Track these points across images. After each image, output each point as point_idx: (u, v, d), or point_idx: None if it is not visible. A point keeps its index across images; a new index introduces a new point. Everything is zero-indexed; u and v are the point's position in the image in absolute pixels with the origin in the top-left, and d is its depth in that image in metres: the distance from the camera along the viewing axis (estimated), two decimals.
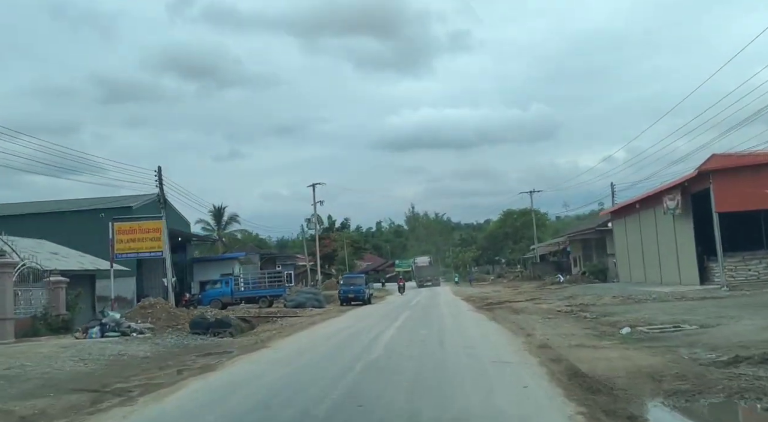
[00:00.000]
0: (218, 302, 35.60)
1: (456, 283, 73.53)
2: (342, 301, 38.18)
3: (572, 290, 33.92)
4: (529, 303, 27.02)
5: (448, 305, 30.84)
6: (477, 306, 28.43)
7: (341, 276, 41.60)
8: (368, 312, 28.90)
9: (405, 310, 27.71)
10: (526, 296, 33.38)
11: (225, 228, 79.55)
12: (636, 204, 31.52)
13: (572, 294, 29.70)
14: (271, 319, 29.31)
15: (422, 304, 33.70)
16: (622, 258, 37.12)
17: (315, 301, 35.16)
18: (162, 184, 27.44)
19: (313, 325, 22.82)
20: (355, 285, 38.11)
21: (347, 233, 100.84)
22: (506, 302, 29.68)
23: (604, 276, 42.42)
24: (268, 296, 36.61)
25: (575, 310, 21.67)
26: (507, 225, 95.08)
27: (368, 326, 19.57)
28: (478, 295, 39.99)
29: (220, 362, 12.80)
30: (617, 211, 36.71)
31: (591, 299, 25.60)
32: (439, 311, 25.98)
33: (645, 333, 13.63)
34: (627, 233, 35.23)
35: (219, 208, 78.76)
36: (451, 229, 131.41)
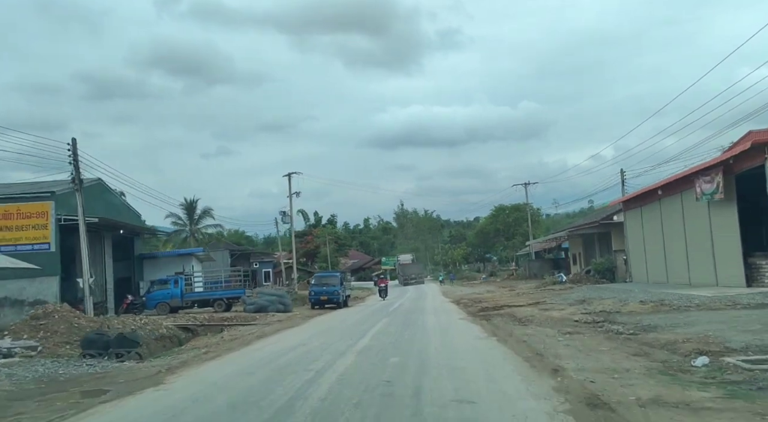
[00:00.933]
0: (165, 306, 30.28)
1: (441, 282, 69.29)
2: (313, 304, 33.02)
3: (581, 292, 28.90)
4: (535, 309, 21.98)
5: (435, 311, 25.73)
6: (470, 313, 23.34)
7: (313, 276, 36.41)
8: (337, 320, 23.74)
9: (382, 318, 22.59)
10: (528, 299, 28.33)
11: (198, 222, 73.89)
12: (658, 190, 26.54)
13: (584, 298, 24.68)
14: (222, 327, 24.28)
15: (405, 309, 28.58)
16: (636, 254, 32.16)
17: (280, 304, 29.95)
18: (77, 159, 22.08)
19: (260, 339, 17.63)
20: (329, 285, 32.93)
21: (330, 228, 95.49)
22: (505, 307, 24.65)
23: (612, 275, 37.48)
24: (225, 298, 31.35)
25: (598, 321, 16.64)
26: (498, 221, 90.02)
27: (324, 345, 14.42)
28: (471, 297, 34.90)
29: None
30: (631, 200, 31.72)
31: (612, 304, 20.57)
32: (423, 320, 20.84)
33: (745, 369, 8.54)
34: (644, 225, 30.27)
35: (191, 201, 73.26)
36: (441, 226, 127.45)
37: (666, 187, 26.03)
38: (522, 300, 27.76)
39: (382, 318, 22.08)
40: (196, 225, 73.82)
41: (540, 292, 32.45)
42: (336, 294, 32.53)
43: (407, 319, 21.19)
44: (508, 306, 24.94)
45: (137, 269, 34.56)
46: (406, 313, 24.75)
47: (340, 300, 32.81)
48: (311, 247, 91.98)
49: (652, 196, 28.04)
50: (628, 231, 33.59)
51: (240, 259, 62.36)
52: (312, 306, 33.03)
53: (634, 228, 32.34)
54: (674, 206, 25.94)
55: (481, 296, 35.33)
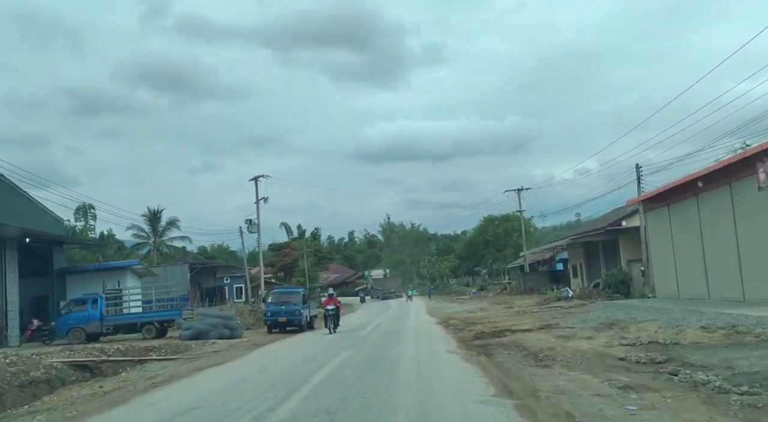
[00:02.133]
0: (80, 332, 24.16)
1: (409, 298, 63.91)
2: (269, 327, 27.09)
3: (598, 311, 23.23)
4: (550, 337, 16.25)
5: (416, 337, 19.89)
6: (462, 341, 17.57)
7: (269, 292, 29.94)
8: (286, 352, 17.88)
9: (345, 349, 16.72)
10: (533, 320, 22.61)
11: (162, 234, 67.61)
12: (697, 181, 21.00)
13: (610, 319, 18.99)
14: (136, 362, 18.44)
15: (380, 333, 22.77)
16: (661, 264, 26.56)
17: (224, 329, 24.03)
18: None
19: (148, 392, 11.73)
20: (289, 304, 27.03)
21: (308, 241, 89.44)
22: (507, 331, 18.95)
23: (627, 289, 31.86)
24: (156, 322, 25.28)
25: (658, 360, 10.99)
26: (488, 232, 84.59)
27: (228, 410, 8.62)
28: (461, 316, 29.12)
29: None
30: (655, 198, 26.12)
31: (659, 330, 14.91)
32: (397, 354, 14.97)
33: None
34: (673, 227, 24.70)
35: (155, 211, 67.09)
36: (428, 240, 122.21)
37: (709, 177, 20.49)
38: (526, 322, 22.03)
39: (345, 350, 16.22)
40: (160, 238, 67.63)
41: (545, 311, 26.72)
42: (297, 314, 26.62)
43: (377, 353, 15.31)
44: (510, 330, 19.19)
45: (57, 286, 28.45)
46: (378, 341, 18.89)
47: (303, 322, 26.91)
48: (289, 261, 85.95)
49: (687, 190, 22.49)
50: (650, 235, 28.00)
51: (203, 274, 56.17)
52: (269, 329, 27.11)
53: (658, 232, 26.75)
54: (720, 201, 20.40)
55: (473, 315, 29.55)
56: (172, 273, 47.82)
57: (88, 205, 77.75)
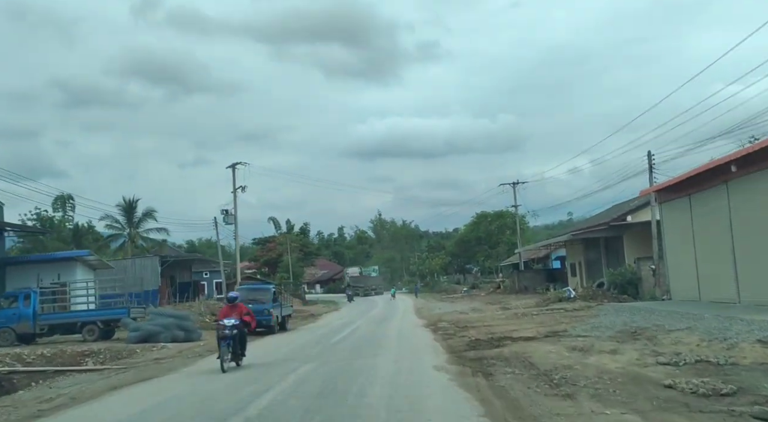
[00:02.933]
0: (10, 333, 20.79)
1: (393, 296, 63.74)
2: None
3: (610, 315, 20.14)
4: (561, 348, 13.10)
5: (398, 344, 16.71)
6: (453, 352, 14.41)
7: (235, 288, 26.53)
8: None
9: (308, 361, 13.48)
10: (536, 324, 19.47)
11: (138, 225, 63.97)
12: (730, 164, 17.89)
13: (629, 327, 15.89)
14: (52, 373, 15.22)
15: (356, 338, 19.56)
16: (678, 262, 23.47)
17: (178, 330, 20.77)
18: None
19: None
20: (256, 302, 23.69)
21: (294, 235, 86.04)
22: (507, 339, 15.83)
23: (636, 290, 28.78)
24: (99, 322, 21.93)
25: (724, 391, 7.90)
26: (480, 229, 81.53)
27: None
28: (452, 318, 26.00)
29: None
30: (672, 188, 22.98)
31: (705, 345, 11.81)
32: (372, 370, 11.74)
33: None
34: (694, 220, 21.61)
35: (130, 201, 63.44)
36: (419, 237, 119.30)
37: (746, 159, 17.38)
38: (528, 327, 18.90)
39: (306, 363, 13.03)
40: (136, 229, 64.05)
41: (547, 314, 23.59)
42: (266, 314, 23.34)
43: (344, 369, 12.08)
44: (510, 338, 16.06)
45: None
46: (351, 350, 15.66)
47: (272, 322, 23.64)
48: (273, 255, 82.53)
49: (715, 177, 19.37)
50: (665, 230, 24.88)
51: (178, 268, 52.72)
52: None
53: (675, 226, 23.63)
54: (758, 188, 17.30)
55: (465, 317, 26.42)
56: (141, 267, 44.34)
57: (67, 195, 74.59)
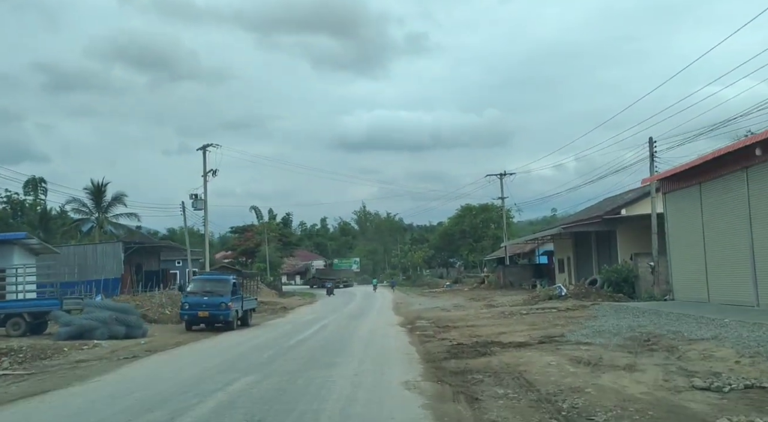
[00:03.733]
0: None
1: (374, 287, 63.84)
2: (187, 324, 21.19)
3: (610, 316, 17.75)
4: (563, 361, 10.61)
5: (365, 351, 14.06)
6: (431, 359, 11.91)
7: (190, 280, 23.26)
8: (159, 373, 11.97)
9: (246, 374, 10.82)
10: (526, 326, 17.01)
11: (107, 210, 60.72)
12: (754, 148, 15.50)
13: (637, 332, 13.47)
14: None
15: (318, 340, 16.93)
16: (684, 258, 21.12)
17: (118, 325, 18.05)
18: None
19: None
20: (213, 294, 21.11)
21: (272, 224, 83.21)
22: (495, 345, 13.38)
23: (632, 288, 26.45)
24: (26, 314, 19.03)
25: None
26: (465, 222, 79.24)
27: None
28: (432, 316, 23.55)
29: None
30: (680, 175, 20.59)
31: (746, 361, 9.36)
32: (323, 389, 9.11)
33: None
34: (704, 212, 19.24)
35: (99, 184, 60.16)
36: (403, 230, 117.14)
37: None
38: (519, 329, 16.44)
39: (245, 375, 10.40)
40: (104, 214, 60.80)
41: (538, 313, 21.13)
42: (223, 308, 20.71)
43: (286, 386, 9.45)
44: (499, 343, 13.58)
45: None
46: (306, 357, 12.97)
47: (230, 317, 20.98)
48: (251, 245, 79.66)
49: (733, 163, 16.96)
50: (669, 223, 22.49)
51: (145, 256, 49.70)
52: (186, 325, 21.20)
53: (682, 219, 21.24)
54: None
55: (447, 315, 23.97)
56: (103, 253, 41.49)
57: (39, 178, 71.21)
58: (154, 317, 26.54)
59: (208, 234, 41.87)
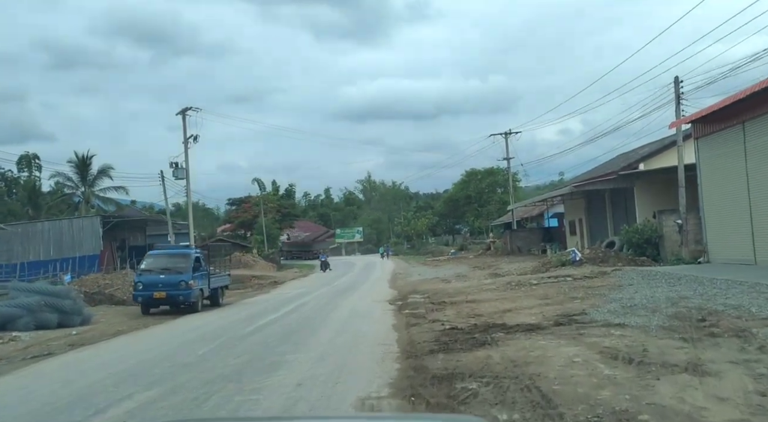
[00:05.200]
0: None
1: (382, 256, 62.84)
2: (143, 306, 18.29)
3: (639, 285, 14.67)
4: (593, 355, 7.53)
5: (335, 338, 11.02)
6: (413, 352, 8.89)
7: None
8: (62, 377, 8.98)
9: (147, 390, 7.82)
10: (539, 301, 13.92)
11: (93, 184, 57.81)
12: None
13: (682, 307, 10.42)
14: None
15: (283, 325, 13.88)
16: (722, 214, 17.97)
17: (50, 313, 15.15)
18: None
19: None
20: (171, 271, 18.12)
21: (269, 195, 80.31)
22: (498, 328, 10.34)
23: (656, 251, 23.33)
24: None
25: None
26: (470, 187, 75.91)
27: None
28: (429, 289, 20.58)
29: None
30: (718, 114, 17.27)
31: None
32: (249, 407, 6.08)
33: None
34: (749, 157, 16.01)
35: (83, 157, 57.18)
36: (409, 198, 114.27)
37: None
38: (528, 305, 13.38)
39: (146, 390, 7.40)
40: (90, 188, 57.87)
41: (551, 283, 18.02)
42: (183, 287, 17.75)
43: (187, 407, 6.44)
44: (503, 326, 10.57)
45: None
46: (251, 354, 9.91)
47: (192, 298, 18.01)
48: (249, 217, 76.77)
49: None
50: (702, 172, 19.24)
51: (128, 230, 46.83)
52: (142, 309, 18.29)
53: (718, 167, 18.00)
54: None
55: (446, 287, 20.97)
56: (79, 228, 38.62)
57: (33, 155, 68.38)
58: (122, 297, 23.79)
59: (191, 205, 38.82)
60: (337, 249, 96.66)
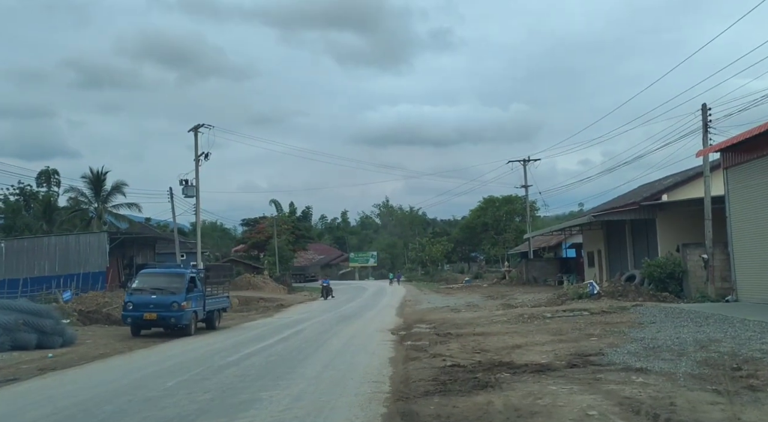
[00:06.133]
0: None
1: (390, 282, 63.41)
2: (132, 328, 17.37)
3: (663, 324, 13.47)
4: (606, 404, 6.40)
5: (320, 374, 9.91)
6: (408, 391, 7.75)
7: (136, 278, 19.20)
8: None
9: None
10: (552, 338, 12.75)
11: (106, 200, 57.55)
12: None
13: (713, 351, 9.29)
14: None
15: (269, 355, 12.83)
16: (753, 249, 16.73)
17: (29, 333, 14.24)
18: None
19: None
20: (163, 292, 17.18)
21: (284, 216, 79.65)
22: (506, 368, 9.30)
23: (679, 286, 22.01)
24: None
25: None
26: (487, 214, 74.55)
27: None
28: (438, 318, 19.45)
29: None
30: (750, 143, 16.13)
31: None
32: None
33: None
34: None
35: (98, 173, 57.06)
36: (426, 224, 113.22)
37: None
38: (539, 341, 12.25)
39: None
40: (104, 204, 57.60)
41: (566, 318, 16.81)
42: (175, 308, 16.80)
43: None
44: (510, 365, 9.48)
45: None
46: (224, 389, 8.86)
47: (184, 320, 17.05)
48: (262, 238, 76.19)
49: None
50: (733, 204, 18.01)
51: (137, 247, 46.27)
52: (132, 330, 17.37)
53: (749, 198, 16.82)
54: None
55: (455, 317, 19.83)
56: (86, 244, 38.03)
57: (52, 170, 68.62)
58: (119, 317, 22.87)
59: (199, 223, 38.04)
60: (351, 273, 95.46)
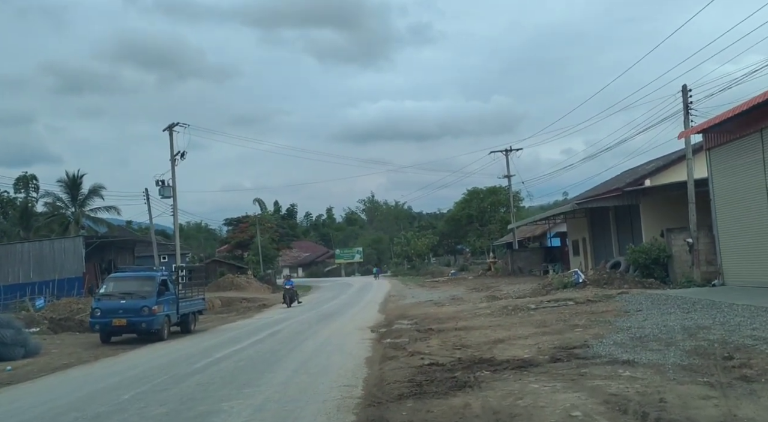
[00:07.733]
0: None
1: (375, 276, 63.42)
2: (102, 335, 16.68)
3: (649, 311, 13.04)
4: (592, 403, 5.86)
5: (289, 380, 9.31)
6: (381, 394, 7.17)
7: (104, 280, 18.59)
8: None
9: None
10: (535, 330, 12.26)
11: (83, 204, 56.34)
12: None
13: (702, 339, 8.83)
14: None
15: (240, 359, 12.22)
16: (738, 232, 16.35)
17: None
18: None
19: None
20: (132, 296, 16.47)
21: (267, 214, 78.77)
22: (486, 365, 8.74)
23: (664, 271, 21.65)
24: None
25: None
26: (472, 206, 74.04)
27: None
28: (421, 313, 18.92)
29: None
30: (732, 122, 15.71)
31: None
32: None
33: None
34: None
35: (74, 176, 55.86)
36: (411, 218, 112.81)
37: None
38: (523, 333, 11.74)
39: None
40: (81, 208, 56.40)
41: (551, 308, 16.34)
42: (145, 313, 16.11)
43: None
44: (491, 361, 8.95)
45: None
46: (184, 399, 8.27)
47: (156, 325, 16.36)
48: (245, 237, 75.26)
49: None
50: (716, 186, 17.62)
51: (115, 251, 45.25)
52: (102, 337, 16.66)
53: (733, 180, 16.43)
54: None
55: (438, 311, 19.33)
56: (61, 249, 37.10)
57: (30, 175, 67.25)
58: None
59: (177, 224, 37.27)
60: (337, 269, 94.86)
